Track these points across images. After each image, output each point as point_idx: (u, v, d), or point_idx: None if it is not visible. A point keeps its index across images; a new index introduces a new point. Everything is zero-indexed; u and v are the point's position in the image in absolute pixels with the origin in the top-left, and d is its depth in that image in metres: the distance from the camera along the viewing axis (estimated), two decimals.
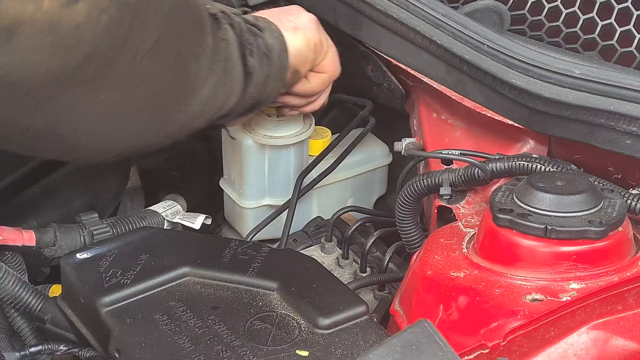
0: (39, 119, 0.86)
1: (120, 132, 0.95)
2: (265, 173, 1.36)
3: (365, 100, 1.43)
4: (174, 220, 1.32)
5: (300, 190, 1.34)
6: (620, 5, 1.23)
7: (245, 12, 1.16)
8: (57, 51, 0.79)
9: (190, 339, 1.01)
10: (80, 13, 0.78)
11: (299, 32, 1.17)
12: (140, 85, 0.90)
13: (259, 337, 1.01)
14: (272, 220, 1.35)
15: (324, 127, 1.43)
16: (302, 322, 1.03)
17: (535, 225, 0.99)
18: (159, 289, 1.08)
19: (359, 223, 1.32)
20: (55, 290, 1.23)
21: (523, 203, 1.02)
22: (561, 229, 0.99)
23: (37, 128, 0.87)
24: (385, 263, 1.26)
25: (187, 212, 1.38)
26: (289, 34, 1.16)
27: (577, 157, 1.14)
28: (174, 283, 1.09)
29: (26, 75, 0.79)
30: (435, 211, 1.20)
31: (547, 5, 1.27)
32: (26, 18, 0.75)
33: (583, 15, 1.25)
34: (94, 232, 1.21)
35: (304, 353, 0.99)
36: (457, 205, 1.19)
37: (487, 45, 1.14)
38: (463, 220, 1.14)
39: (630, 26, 1.22)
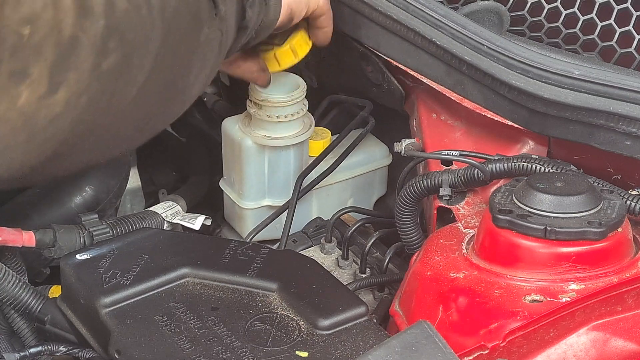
0: (19, 184, 0.83)
1: (106, 156, 0.93)
2: (265, 174, 1.36)
3: (364, 100, 1.43)
4: (173, 221, 1.32)
5: (300, 191, 1.34)
6: (620, 6, 1.23)
7: None
8: (31, 146, 0.74)
9: (190, 339, 1.01)
10: (59, 102, 0.73)
11: None
12: (128, 117, 0.85)
13: (258, 338, 1.01)
14: (271, 221, 1.35)
15: (323, 128, 1.43)
16: (302, 323, 1.03)
17: (535, 226, 0.99)
18: (159, 289, 1.08)
19: (358, 224, 1.32)
20: (55, 291, 1.23)
21: (523, 204, 1.02)
22: (561, 230, 0.99)
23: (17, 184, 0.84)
24: (385, 264, 1.26)
25: (186, 212, 1.38)
26: None
27: (576, 158, 1.15)
28: (173, 284, 1.09)
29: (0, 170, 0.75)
30: (435, 212, 1.20)
31: (547, 6, 1.27)
32: None
33: (582, 16, 1.25)
34: (94, 233, 1.21)
35: (304, 354, 0.99)
36: (457, 206, 1.19)
37: (487, 46, 1.14)
38: (463, 221, 1.14)
39: (630, 27, 1.22)
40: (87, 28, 0.72)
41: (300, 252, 1.27)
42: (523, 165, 1.13)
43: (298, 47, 1.27)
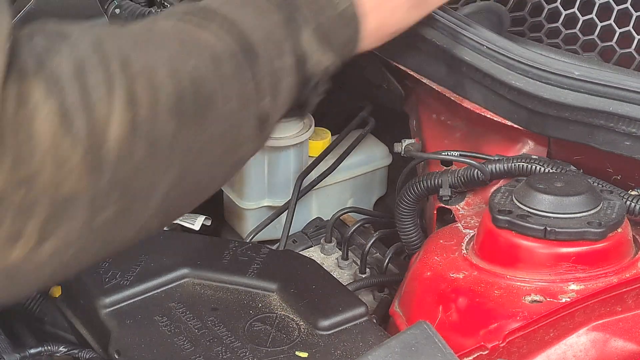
0: None
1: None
2: (265, 174, 1.36)
3: (364, 101, 1.43)
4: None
5: (300, 191, 1.34)
6: (620, 7, 1.22)
7: None
8: (12, 290, 0.72)
9: (189, 340, 1.01)
10: (44, 254, 0.69)
11: None
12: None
13: (258, 339, 1.01)
14: (271, 221, 1.35)
15: (323, 128, 1.43)
16: (302, 323, 1.03)
17: (535, 226, 0.99)
18: (159, 290, 1.08)
19: (358, 224, 1.32)
20: (55, 291, 1.23)
21: (522, 204, 1.02)
22: (560, 230, 0.99)
23: None
24: (385, 264, 1.26)
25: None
26: None
27: (576, 158, 1.14)
28: (173, 284, 1.09)
29: None
30: (435, 212, 1.20)
31: (547, 7, 1.27)
32: None
33: (582, 16, 1.25)
34: None
35: (304, 354, 0.99)
36: (457, 206, 1.19)
37: (487, 47, 1.14)
38: (462, 222, 1.14)
39: (630, 27, 1.22)
40: (91, 185, 0.69)
41: (300, 253, 1.27)
42: (523, 165, 1.13)
43: None
